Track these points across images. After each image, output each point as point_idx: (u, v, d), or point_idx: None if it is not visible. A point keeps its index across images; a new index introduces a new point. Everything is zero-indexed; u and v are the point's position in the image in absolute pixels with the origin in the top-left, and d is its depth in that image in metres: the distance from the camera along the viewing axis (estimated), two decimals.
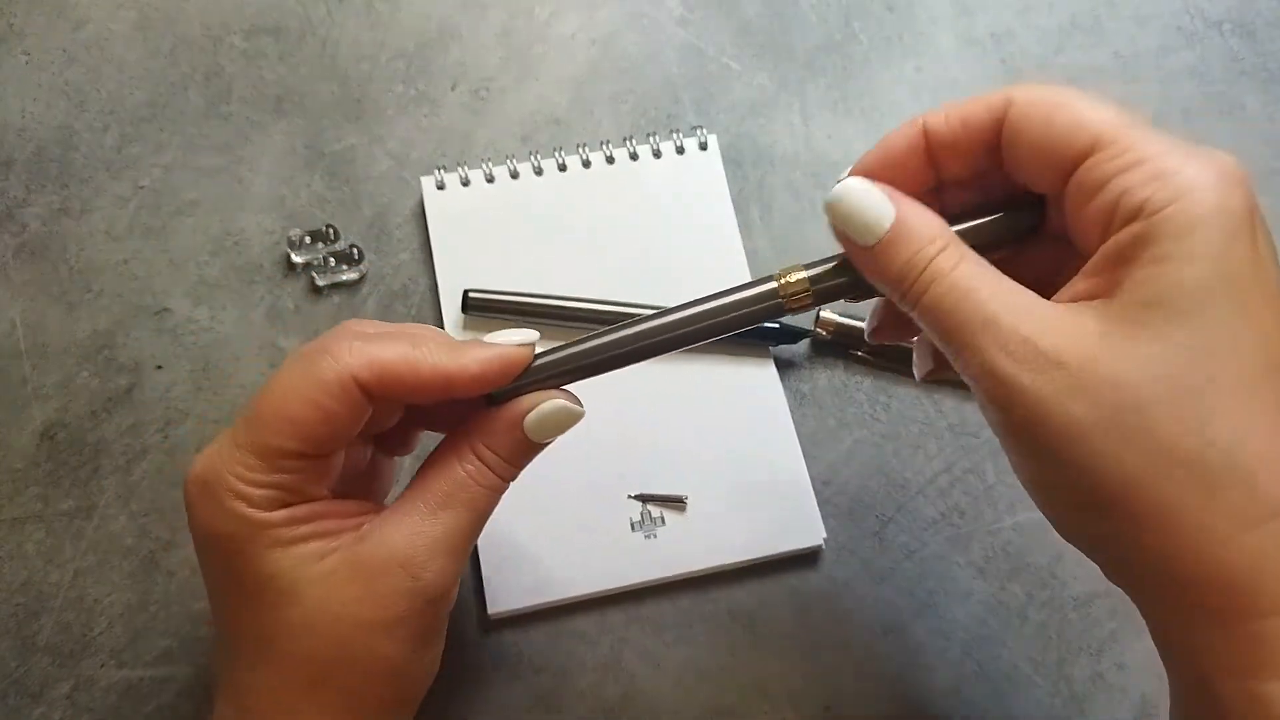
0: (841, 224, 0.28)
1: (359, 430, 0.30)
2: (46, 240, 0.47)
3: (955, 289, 0.26)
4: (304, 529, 0.29)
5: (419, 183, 0.47)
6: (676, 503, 0.41)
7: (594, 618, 0.40)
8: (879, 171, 0.29)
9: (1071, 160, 0.27)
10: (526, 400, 0.31)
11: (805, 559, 0.41)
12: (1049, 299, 0.27)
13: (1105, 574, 0.27)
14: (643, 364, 0.30)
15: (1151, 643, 0.25)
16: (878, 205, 0.28)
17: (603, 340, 0.31)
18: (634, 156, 0.48)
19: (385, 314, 0.45)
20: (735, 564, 0.41)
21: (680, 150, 0.48)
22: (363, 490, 0.35)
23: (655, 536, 0.41)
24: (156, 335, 0.45)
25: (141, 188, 0.48)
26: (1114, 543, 0.26)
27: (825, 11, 0.51)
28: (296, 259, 0.46)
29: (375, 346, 0.29)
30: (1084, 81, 0.50)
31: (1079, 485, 0.25)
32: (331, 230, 0.46)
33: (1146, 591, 0.26)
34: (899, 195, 0.28)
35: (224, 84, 0.50)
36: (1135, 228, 0.25)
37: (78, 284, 0.46)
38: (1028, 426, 0.25)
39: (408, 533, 0.29)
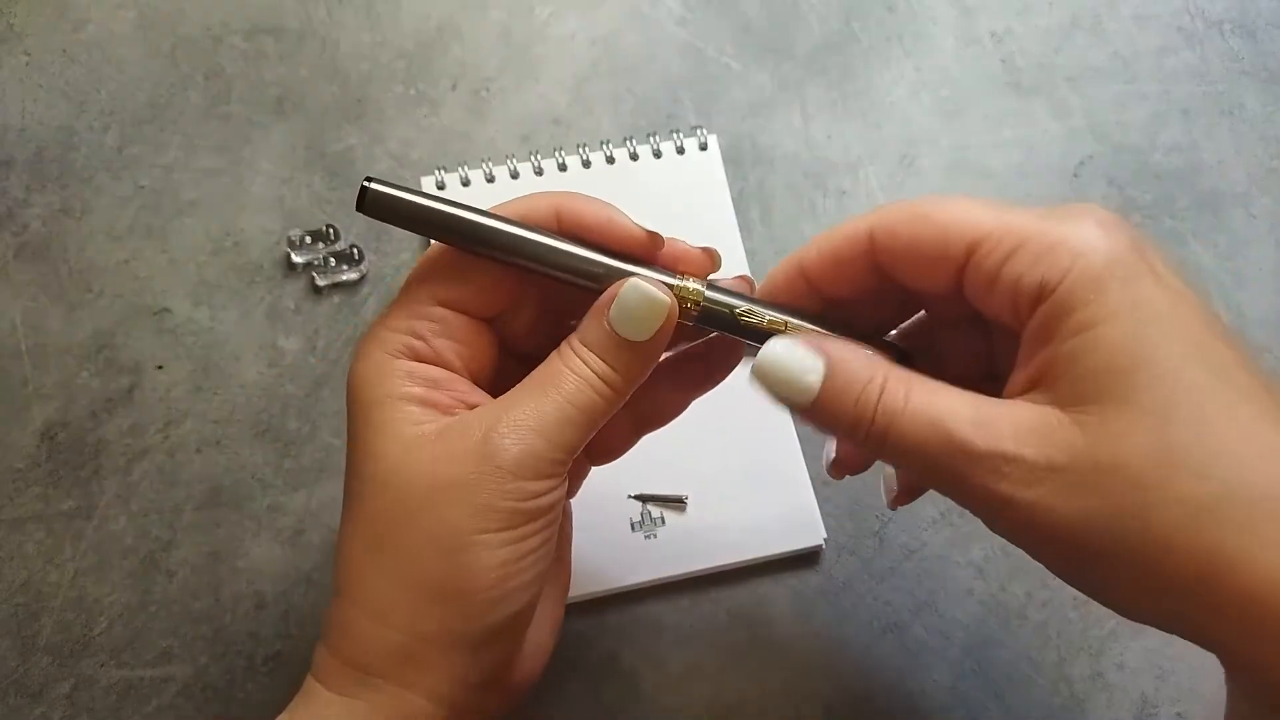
0: (773, 392, 0.27)
1: (509, 302, 0.31)
2: (47, 240, 0.47)
3: (916, 423, 0.25)
4: (416, 390, 0.29)
5: (420, 182, 0.47)
6: (676, 503, 0.41)
7: (594, 618, 0.40)
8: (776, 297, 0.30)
9: (956, 265, 0.27)
10: (611, 289, 0.29)
11: (805, 559, 0.41)
12: (1002, 391, 0.26)
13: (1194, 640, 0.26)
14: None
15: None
16: (801, 361, 0.27)
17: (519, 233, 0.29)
18: (634, 157, 0.48)
19: None
20: (735, 564, 0.41)
21: (680, 150, 0.48)
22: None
23: (655, 536, 0.41)
24: (157, 335, 0.45)
25: (142, 188, 0.48)
26: (1180, 613, 0.24)
27: (825, 11, 0.52)
28: (297, 259, 0.46)
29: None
30: (1084, 81, 0.50)
31: (1120, 573, 0.24)
32: (332, 230, 0.46)
33: (1229, 643, 0.24)
34: (825, 342, 0.27)
35: (224, 84, 0.50)
36: (1045, 309, 0.25)
37: (78, 284, 0.46)
38: (1049, 539, 0.25)
39: (496, 407, 0.29)
